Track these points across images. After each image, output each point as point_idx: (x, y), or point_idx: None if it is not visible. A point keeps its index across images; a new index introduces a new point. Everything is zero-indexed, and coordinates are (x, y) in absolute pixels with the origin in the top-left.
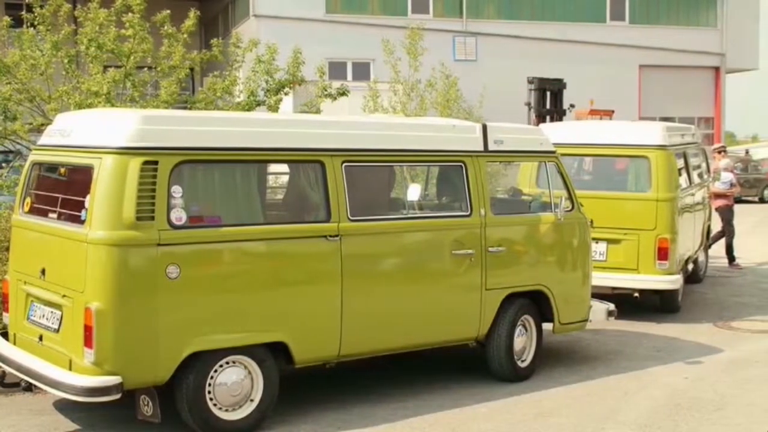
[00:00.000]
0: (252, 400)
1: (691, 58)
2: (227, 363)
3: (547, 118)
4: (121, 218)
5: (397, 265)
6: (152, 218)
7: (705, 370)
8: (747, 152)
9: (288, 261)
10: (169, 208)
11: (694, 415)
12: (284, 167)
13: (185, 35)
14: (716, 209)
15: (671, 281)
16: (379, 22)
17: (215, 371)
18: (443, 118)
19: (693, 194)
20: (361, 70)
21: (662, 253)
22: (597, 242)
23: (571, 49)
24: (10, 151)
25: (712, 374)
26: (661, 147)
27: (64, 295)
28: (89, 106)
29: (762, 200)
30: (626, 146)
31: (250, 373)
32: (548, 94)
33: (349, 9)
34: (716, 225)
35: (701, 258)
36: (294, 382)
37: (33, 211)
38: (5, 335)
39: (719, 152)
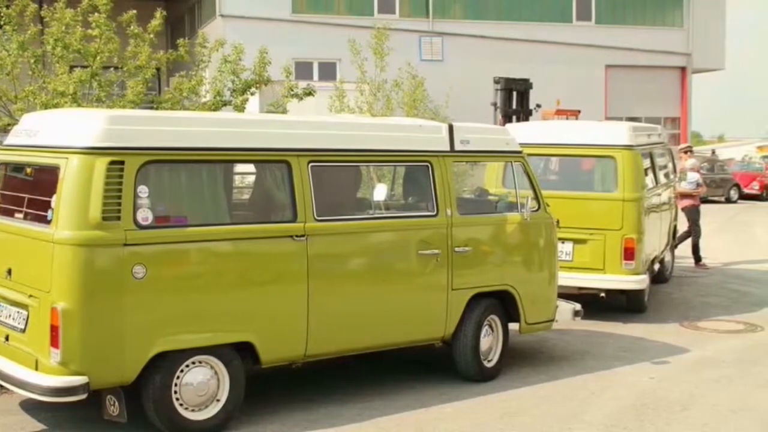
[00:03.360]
0: (218, 400)
1: (657, 58)
2: (193, 363)
3: (514, 118)
4: (87, 218)
5: (364, 265)
6: (118, 218)
7: (671, 370)
8: (713, 152)
9: (254, 261)
10: (135, 208)
11: (660, 415)
12: (251, 167)
13: (151, 35)
14: (683, 209)
15: (637, 281)
16: (345, 22)
17: (181, 371)
18: (410, 118)
19: (659, 194)
20: (328, 70)
21: (628, 253)
22: (563, 242)
23: (537, 49)
24: None
25: (678, 374)
26: (628, 147)
27: (30, 295)
28: (56, 106)
29: (728, 200)
30: (592, 146)
31: (216, 373)
32: (515, 94)
33: (315, 9)
34: (683, 225)
35: (667, 258)
36: (261, 382)
37: None
38: None
39: (685, 152)
